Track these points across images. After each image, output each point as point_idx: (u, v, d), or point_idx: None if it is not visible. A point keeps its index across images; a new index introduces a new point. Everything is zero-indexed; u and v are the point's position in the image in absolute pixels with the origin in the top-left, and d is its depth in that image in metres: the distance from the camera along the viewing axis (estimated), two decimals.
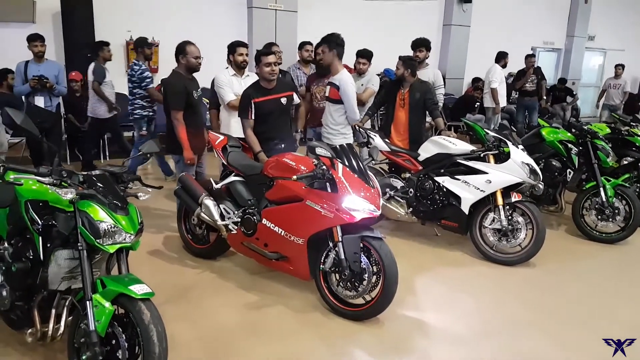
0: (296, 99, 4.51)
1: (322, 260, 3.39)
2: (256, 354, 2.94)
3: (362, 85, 5.63)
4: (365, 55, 5.71)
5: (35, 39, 5.91)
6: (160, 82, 8.18)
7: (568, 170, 5.21)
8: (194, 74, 4.54)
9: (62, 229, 2.49)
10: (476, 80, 11.02)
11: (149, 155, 3.05)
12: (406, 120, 5.19)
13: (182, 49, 4.41)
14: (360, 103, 5.42)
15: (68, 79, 7.13)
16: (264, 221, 3.58)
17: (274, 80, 4.23)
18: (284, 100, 4.24)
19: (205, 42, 4.67)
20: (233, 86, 4.73)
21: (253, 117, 4.18)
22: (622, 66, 11.29)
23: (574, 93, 12.41)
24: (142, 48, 6.22)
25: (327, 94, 4.77)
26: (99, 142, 7.39)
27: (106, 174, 2.66)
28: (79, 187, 2.49)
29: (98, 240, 2.38)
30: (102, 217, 2.41)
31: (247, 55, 4.77)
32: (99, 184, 2.55)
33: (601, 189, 4.89)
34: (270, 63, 4.09)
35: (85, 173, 2.62)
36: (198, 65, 4.44)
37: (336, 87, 4.65)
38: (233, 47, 4.76)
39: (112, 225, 2.42)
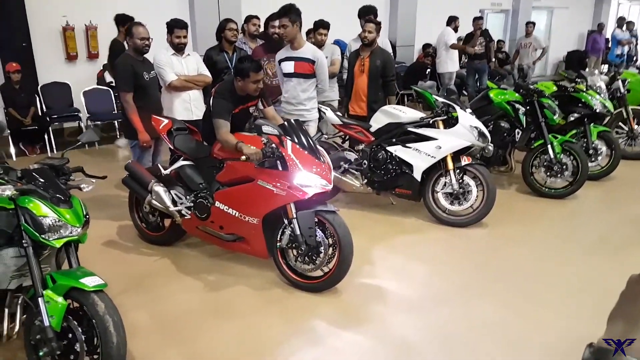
0: (260, 105, 3.95)
1: (278, 238, 3.42)
2: (218, 333, 2.97)
3: (326, 57, 5.59)
4: (326, 26, 5.66)
5: None
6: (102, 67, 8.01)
7: (517, 130, 5.34)
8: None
9: (4, 227, 2.43)
10: (426, 46, 11.08)
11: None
12: (366, 87, 5.16)
13: (129, 30, 4.38)
14: (332, 75, 5.38)
15: (5, 70, 6.83)
16: (217, 204, 3.56)
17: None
18: (252, 110, 3.94)
19: (144, 22, 4.50)
20: (174, 66, 4.62)
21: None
22: (533, 24, 11.05)
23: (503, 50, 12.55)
24: (246, 23, 5.82)
25: (292, 70, 4.63)
26: None
27: (45, 167, 2.59)
28: (17, 183, 2.42)
29: (43, 236, 2.34)
30: (44, 212, 2.36)
31: (184, 37, 4.64)
32: (38, 179, 2.48)
33: (549, 146, 5.04)
34: (259, 80, 3.60)
35: (23, 168, 2.54)
36: (145, 46, 4.39)
37: (310, 62, 4.58)
38: (171, 28, 4.63)
39: (56, 220, 2.38)
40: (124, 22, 5.17)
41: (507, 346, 2.87)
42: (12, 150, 6.87)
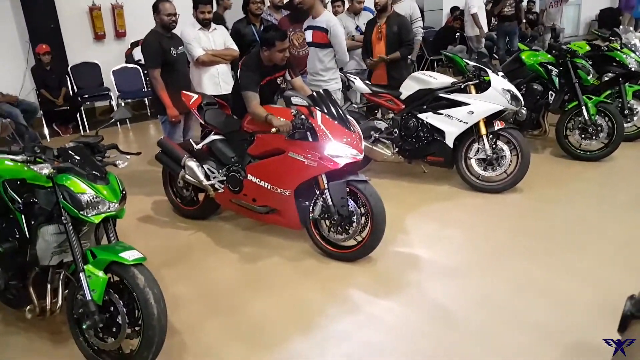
0: (287, 76, 3.90)
1: (311, 209, 3.42)
2: (256, 304, 3.01)
3: (364, 24, 5.50)
4: None
5: None
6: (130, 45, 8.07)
7: (550, 92, 5.18)
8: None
9: (44, 205, 2.48)
10: (454, 9, 10.76)
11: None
12: (384, 54, 5.07)
13: (155, 7, 4.39)
14: None
15: (35, 52, 6.94)
16: (249, 177, 3.57)
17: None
18: (279, 80, 3.92)
19: None
20: (201, 41, 4.61)
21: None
22: None
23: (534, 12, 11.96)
24: None
25: (310, 39, 4.57)
26: None
27: (81, 145, 2.62)
28: (54, 161, 2.45)
29: (81, 212, 2.38)
30: (82, 188, 2.40)
31: (209, 12, 4.63)
32: (75, 156, 2.52)
33: (583, 107, 4.88)
34: (285, 49, 3.56)
35: (59, 147, 2.58)
36: (172, 22, 4.38)
37: (323, 31, 4.47)
38: (195, 3, 4.64)
39: (94, 196, 2.41)
40: None
41: (551, 305, 2.85)
42: (46, 131, 7.04)
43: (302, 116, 3.25)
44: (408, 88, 4.69)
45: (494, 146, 4.34)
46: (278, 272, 3.35)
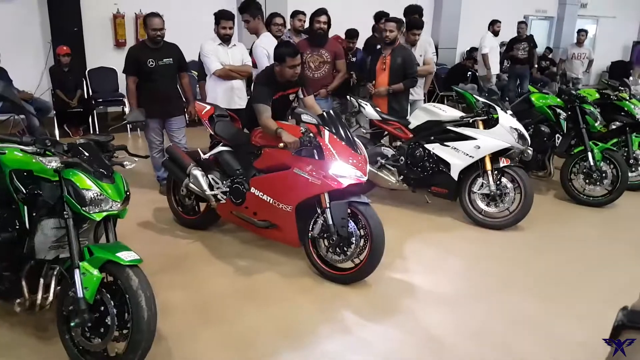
0: (300, 94, 3.95)
1: (310, 227, 3.41)
2: (248, 318, 2.99)
3: (420, 56, 5.59)
4: (416, 25, 5.70)
5: None
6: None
7: (557, 135, 5.22)
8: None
9: (47, 198, 2.48)
10: (473, 50, 10.93)
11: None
12: (387, 85, 5.17)
13: (144, 21, 4.73)
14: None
15: (55, 54, 7.07)
16: (253, 190, 3.59)
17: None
18: (291, 97, 3.93)
19: (191, 11, 4.64)
20: (219, 55, 4.72)
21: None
22: (585, 32, 10.16)
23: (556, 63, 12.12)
24: (292, 19, 5.96)
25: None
26: None
27: (91, 142, 2.65)
28: (63, 155, 2.47)
29: (84, 209, 2.38)
30: (88, 185, 2.40)
31: (230, 28, 4.79)
32: (84, 153, 2.54)
33: (589, 153, 4.90)
34: (295, 65, 3.62)
35: (69, 142, 2.61)
36: (157, 37, 4.66)
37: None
38: (217, 19, 4.81)
39: (98, 194, 2.41)
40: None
41: (543, 342, 2.82)
42: (57, 131, 7.09)
43: (311, 134, 3.29)
44: (417, 118, 4.75)
45: (498, 182, 4.35)
46: (272, 288, 3.34)
